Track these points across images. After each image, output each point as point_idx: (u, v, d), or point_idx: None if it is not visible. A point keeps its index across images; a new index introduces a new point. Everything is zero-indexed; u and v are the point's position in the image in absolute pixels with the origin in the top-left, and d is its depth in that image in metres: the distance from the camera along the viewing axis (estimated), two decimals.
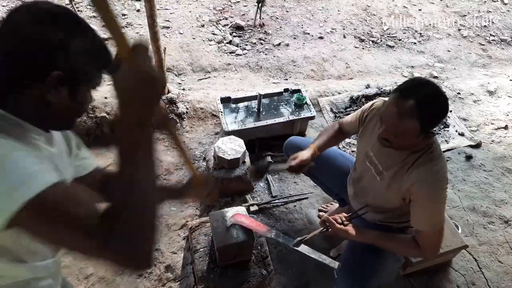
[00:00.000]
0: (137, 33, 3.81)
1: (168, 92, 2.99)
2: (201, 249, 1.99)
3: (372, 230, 1.59)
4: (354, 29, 4.45)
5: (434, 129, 1.41)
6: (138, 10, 4.07)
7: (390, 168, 1.52)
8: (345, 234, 1.56)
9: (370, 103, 1.72)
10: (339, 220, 1.57)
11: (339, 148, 2.79)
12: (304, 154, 1.82)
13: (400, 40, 4.41)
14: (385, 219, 1.69)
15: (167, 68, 3.20)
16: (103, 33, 0.83)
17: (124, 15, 3.99)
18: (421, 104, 1.28)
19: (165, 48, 2.75)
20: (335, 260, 2.14)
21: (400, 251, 1.65)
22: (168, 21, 4.03)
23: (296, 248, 1.62)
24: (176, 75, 3.51)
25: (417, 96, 1.29)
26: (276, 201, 2.48)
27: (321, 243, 2.24)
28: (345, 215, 1.60)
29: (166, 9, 4.19)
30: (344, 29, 4.42)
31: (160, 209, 0.79)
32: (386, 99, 1.62)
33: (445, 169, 1.46)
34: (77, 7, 3.80)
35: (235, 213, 1.87)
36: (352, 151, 2.87)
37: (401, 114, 1.30)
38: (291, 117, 2.67)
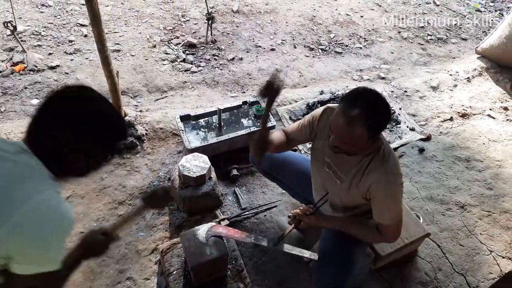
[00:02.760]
0: (87, 58, 3.72)
1: (125, 115, 2.93)
2: (174, 272, 1.95)
3: (338, 217, 1.77)
4: (303, 39, 4.61)
5: (381, 133, 1.50)
6: (85, 36, 3.98)
7: (348, 172, 1.61)
8: (316, 222, 1.74)
9: (319, 110, 1.77)
10: (308, 212, 1.74)
11: (300, 152, 2.86)
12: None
13: (347, 46, 4.63)
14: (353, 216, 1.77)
15: (122, 91, 3.14)
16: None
17: (71, 41, 3.88)
18: (366, 111, 1.37)
19: (117, 71, 2.71)
20: (310, 263, 2.20)
21: (364, 237, 1.77)
22: (118, 44, 3.97)
23: (278, 247, 1.76)
24: (131, 98, 3.45)
25: (361, 105, 1.38)
26: (246, 212, 2.49)
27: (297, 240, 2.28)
28: (310, 206, 1.78)
29: (115, 32, 4.13)
30: (293, 39, 4.57)
31: None
32: (336, 105, 1.73)
33: (398, 166, 1.58)
34: (20, 37, 3.65)
35: (212, 225, 1.87)
36: None
37: (349, 123, 1.38)
38: (253, 129, 2.71)
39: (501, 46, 4.02)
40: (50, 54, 3.68)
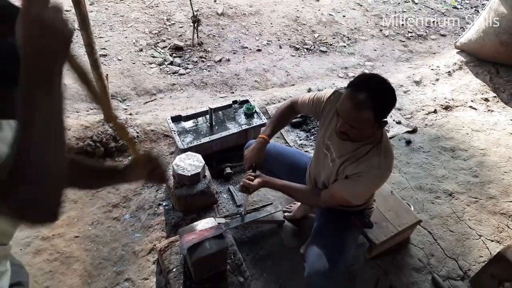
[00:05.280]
0: None
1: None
2: (174, 269, 1.95)
3: (279, 180, 1.87)
4: (288, 39, 4.68)
5: (386, 118, 1.54)
6: None
7: (342, 156, 1.66)
8: (261, 185, 1.84)
9: (328, 93, 1.82)
10: (252, 178, 1.85)
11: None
12: (250, 157, 1.97)
13: (331, 45, 4.72)
14: None
15: (111, 95, 3.14)
16: None
17: None
18: (373, 95, 1.42)
19: (107, 74, 2.71)
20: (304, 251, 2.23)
21: (300, 196, 1.92)
22: (104, 49, 3.96)
23: (246, 221, 1.95)
24: (120, 101, 3.44)
25: (368, 89, 1.43)
26: (241, 210, 2.50)
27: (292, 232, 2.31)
28: (251, 172, 1.90)
29: (101, 37, 4.11)
30: (279, 40, 4.63)
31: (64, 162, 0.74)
32: (343, 90, 1.79)
33: (391, 164, 1.64)
34: None
35: (182, 237, 1.86)
36: (306, 151, 3.00)
37: (357, 106, 1.43)
38: (244, 127, 2.74)
39: (478, 40, 4.17)
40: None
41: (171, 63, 3.96)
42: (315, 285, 1.70)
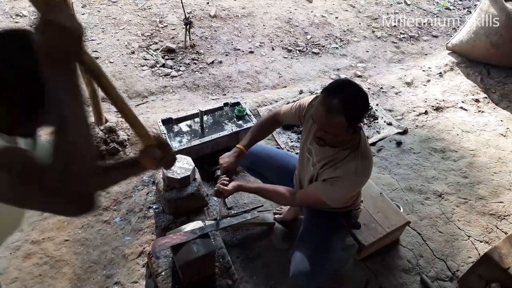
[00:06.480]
0: None
1: (106, 121, 2.92)
2: (162, 272, 1.96)
3: (253, 182, 1.91)
4: (281, 41, 4.69)
5: (360, 124, 1.57)
6: None
7: (322, 160, 1.69)
8: (235, 189, 1.87)
9: (309, 99, 1.84)
10: (226, 183, 1.88)
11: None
12: (226, 163, 1.97)
13: (323, 46, 4.73)
14: None
15: (102, 98, 3.13)
16: None
17: None
18: (345, 100, 1.45)
19: None
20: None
21: (276, 199, 1.93)
22: (96, 51, 3.95)
23: (221, 227, 1.90)
24: (111, 104, 3.44)
25: (341, 94, 1.46)
26: (233, 212, 2.52)
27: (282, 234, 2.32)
28: (224, 177, 1.91)
29: (93, 40, 4.11)
30: (271, 42, 4.65)
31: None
32: None
33: (369, 170, 1.66)
34: None
35: (154, 240, 1.87)
36: (297, 153, 3.01)
37: (329, 111, 1.45)
38: (235, 129, 2.75)
39: (469, 41, 4.20)
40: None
41: (163, 65, 3.96)
42: (299, 286, 1.73)
